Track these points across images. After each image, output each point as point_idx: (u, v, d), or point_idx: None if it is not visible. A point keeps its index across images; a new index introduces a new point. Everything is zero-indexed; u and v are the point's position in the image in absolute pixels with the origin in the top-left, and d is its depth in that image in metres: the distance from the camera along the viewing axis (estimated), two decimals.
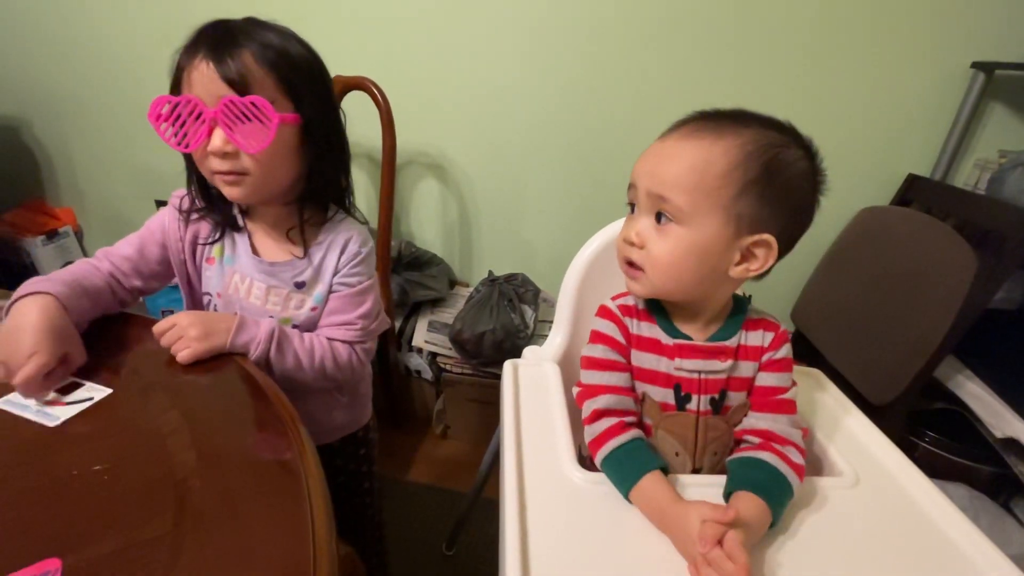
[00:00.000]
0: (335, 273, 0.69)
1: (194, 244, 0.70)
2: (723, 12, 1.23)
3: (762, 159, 0.47)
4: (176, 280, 0.73)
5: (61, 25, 1.59)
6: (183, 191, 0.69)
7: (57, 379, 0.53)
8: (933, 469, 0.54)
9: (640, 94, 1.34)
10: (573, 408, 0.59)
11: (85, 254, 1.98)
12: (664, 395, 0.54)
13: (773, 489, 0.47)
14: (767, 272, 0.51)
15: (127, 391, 0.55)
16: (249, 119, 0.56)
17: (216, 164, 0.60)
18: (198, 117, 0.57)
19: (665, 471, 0.49)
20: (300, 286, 0.68)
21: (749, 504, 0.45)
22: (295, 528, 0.40)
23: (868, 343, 1.10)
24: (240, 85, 0.56)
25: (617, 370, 0.55)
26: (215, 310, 0.71)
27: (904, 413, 1.04)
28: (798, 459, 0.49)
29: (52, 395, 0.52)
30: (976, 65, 1.15)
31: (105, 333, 0.64)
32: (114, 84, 1.64)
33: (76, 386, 0.54)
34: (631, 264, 0.53)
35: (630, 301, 0.58)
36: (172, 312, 0.64)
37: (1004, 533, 0.96)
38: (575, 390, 0.57)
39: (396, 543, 0.98)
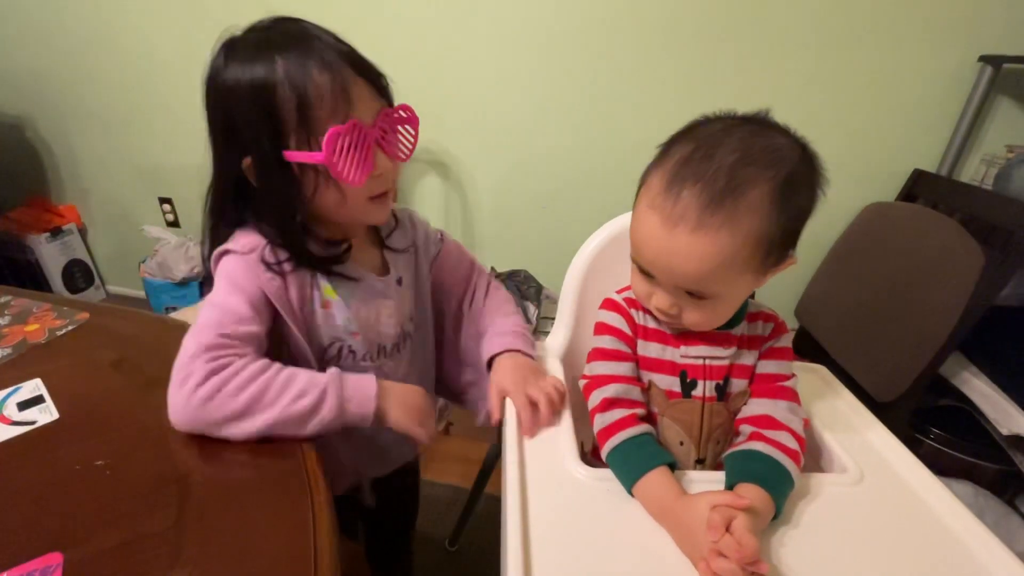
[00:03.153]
0: (426, 243, 0.69)
1: (301, 295, 0.57)
2: (727, 9, 1.22)
3: (778, 209, 0.45)
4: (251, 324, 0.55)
5: (65, 23, 1.60)
6: (250, 245, 0.54)
7: None
8: (938, 466, 0.54)
9: (644, 90, 1.33)
10: (576, 404, 0.59)
11: (88, 251, 1.99)
12: (670, 383, 0.55)
13: (772, 478, 0.47)
14: None
15: (130, 387, 0.56)
16: (400, 129, 0.55)
17: (378, 186, 0.55)
18: (361, 142, 0.51)
19: (673, 467, 0.49)
20: (400, 282, 0.65)
21: (752, 494, 0.45)
22: (297, 523, 0.40)
23: (873, 340, 1.09)
24: (387, 95, 0.54)
25: (624, 360, 0.56)
26: (351, 352, 0.61)
27: (909, 410, 1.03)
28: (792, 444, 0.49)
29: (11, 406, 0.51)
30: (983, 59, 1.13)
31: (110, 328, 0.65)
32: (118, 82, 1.65)
33: (36, 401, 0.53)
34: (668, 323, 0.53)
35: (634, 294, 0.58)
36: (176, 309, 0.64)
37: (1010, 530, 0.96)
38: (581, 382, 0.57)
39: None
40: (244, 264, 0.53)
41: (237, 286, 0.53)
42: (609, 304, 0.58)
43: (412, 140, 0.57)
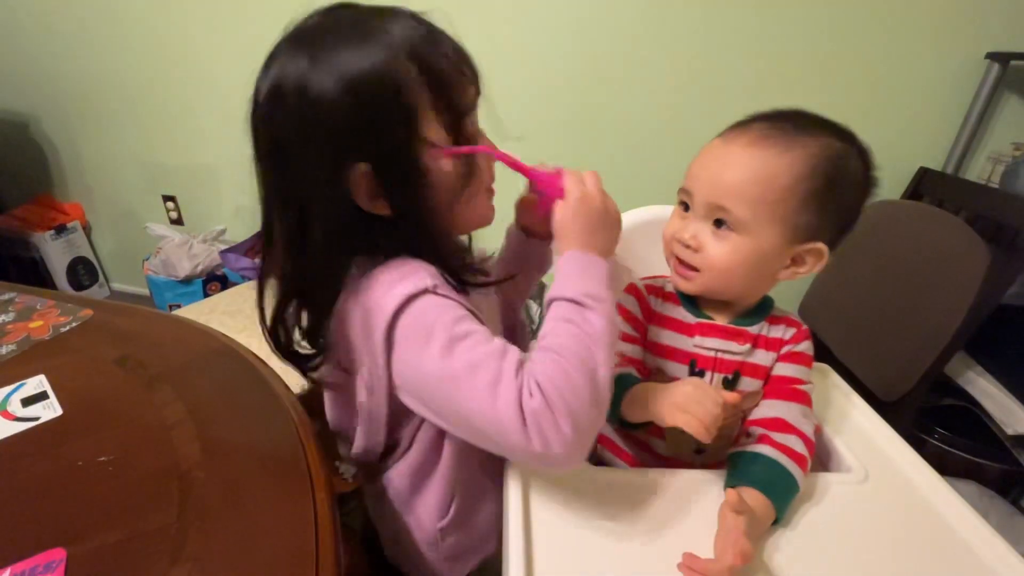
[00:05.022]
0: None
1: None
2: (732, 9, 1.21)
3: (826, 172, 0.47)
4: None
5: (69, 20, 1.60)
6: (428, 275, 0.44)
7: None
8: (942, 466, 0.53)
9: (649, 86, 1.33)
10: None
11: (92, 249, 1.99)
12: (678, 371, 0.56)
13: (775, 484, 0.46)
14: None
15: (133, 383, 0.56)
16: None
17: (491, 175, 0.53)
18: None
19: None
20: None
21: (751, 500, 0.44)
22: (299, 518, 0.40)
23: (878, 339, 1.08)
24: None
25: (629, 341, 0.57)
26: None
27: (913, 409, 1.02)
28: (801, 449, 0.49)
29: (15, 402, 0.52)
30: (991, 55, 1.12)
31: (113, 325, 0.65)
32: (122, 80, 1.65)
33: (40, 397, 0.53)
34: (682, 263, 0.53)
35: (659, 283, 0.59)
36: (179, 307, 0.64)
37: (1014, 531, 0.95)
38: None
39: None
40: (444, 299, 0.43)
41: (462, 315, 0.42)
42: (629, 287, 0.60)
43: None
